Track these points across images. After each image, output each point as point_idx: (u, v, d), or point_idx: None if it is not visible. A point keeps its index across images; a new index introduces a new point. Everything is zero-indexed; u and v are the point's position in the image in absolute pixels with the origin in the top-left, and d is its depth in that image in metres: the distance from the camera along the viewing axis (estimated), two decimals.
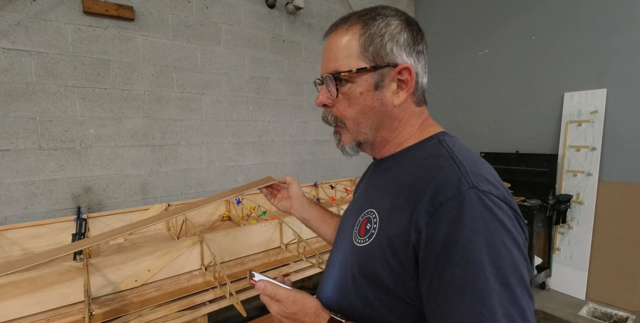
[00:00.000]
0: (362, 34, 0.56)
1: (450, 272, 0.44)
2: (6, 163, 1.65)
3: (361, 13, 0.59)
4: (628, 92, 2.23)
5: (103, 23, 1.86)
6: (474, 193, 0.46)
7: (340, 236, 0.70)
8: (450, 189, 0.47)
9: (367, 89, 0.57)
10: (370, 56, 0.56)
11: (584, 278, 2.43)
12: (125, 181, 1.98)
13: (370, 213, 0.59)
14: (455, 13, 3.25)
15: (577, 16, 2.43)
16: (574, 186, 2.49)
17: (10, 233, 1.52)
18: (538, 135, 2.72)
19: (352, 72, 0.56)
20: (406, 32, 0.57)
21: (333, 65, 0.58)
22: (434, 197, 0.48)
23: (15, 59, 1.64)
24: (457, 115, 3.31)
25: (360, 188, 0.77)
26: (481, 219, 0.45)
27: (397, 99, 0.59)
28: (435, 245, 0.46)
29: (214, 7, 2.26)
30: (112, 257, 1.24)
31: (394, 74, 0.57)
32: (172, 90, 2.12)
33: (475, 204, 0.46)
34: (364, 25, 0.57)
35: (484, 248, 0.43)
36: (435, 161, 0.54)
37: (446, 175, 0.50)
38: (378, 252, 0.53)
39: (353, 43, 0.57)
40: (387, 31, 0.56)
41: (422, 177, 0.53)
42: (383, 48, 0.56)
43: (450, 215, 0.46)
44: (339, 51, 0.58)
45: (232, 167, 2.40)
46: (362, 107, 0.58)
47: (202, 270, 1.41)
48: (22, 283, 1.07)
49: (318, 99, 0.62)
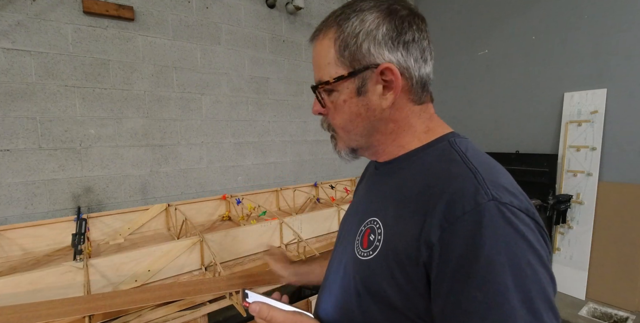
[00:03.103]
0: (337, 37, 0.52)
1: (470, 297, 0.39)
2: (6, 163, 1.65)
3: (338, 12, 0.54)
4: (628, 92, 2.23)
5: (103, 23, 1.86)
6: (494, 206, 0.41)
7: (341, 245, 0.64)
8: (467, 201, 0.42)
9: (350, 96, 0.53)
10: (347, 61, 0.52)
11: (584, 278, 2.43)
12: (125, 181, 1.98)
13: (373, 223, 0.54)
14: (455, 13, 3.25)
15: (577, 16, 2.43)
16: (574, 186, 2.49)
17: (10, 233, 1.52)
18: (538, 135, 2.72)
19: (331, 81, 0.53)
20: (385, 25, 0.50)
21: (317, 75, 0.56)
22: (448, 210, 0.43)
23: (15, 59, 1.64)
24: (457, 115, 3.31)
25: (359, 191, 0.73)
26: (503, 236, 0.40)
27: (385, 102, 0.53)
28: (450, 265, 0.41)
29: (214, 7, 2.26)
30: (112, 257, 1.24)
31: (377, 76, 0.51)
32: (172, 90, 2.12)
33: (495, 219, 0.41)
34: (338, 27, 0.52)
35: (507, 270, 0.39)
36: (447, 167, 0.49)
37: (461, 185, 0.44)
38: (384, 267, 0.48)
39: (330, 49, 0.53)
40: (361, 29, 0.50)
41: (432, 185, 0.47)
42: (359, 50, 0.51)
43: (468, 232, 0.41)
44: (320, 59, 0.55)
45: (232, 167, 2.40)
46: (349, 114, 0.55)
47: (202, 270, 1.41)
48: (22, 283, 1.07)
49: (313, 108, 0.60)
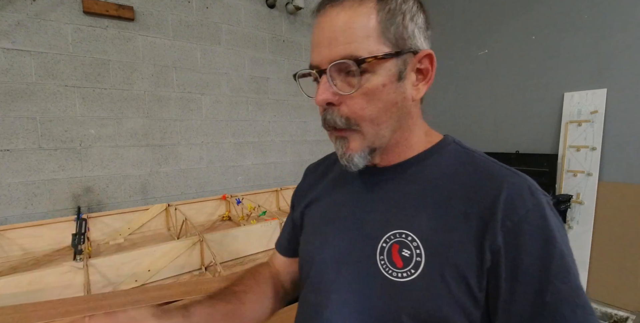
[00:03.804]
0: (381, 9, 0.44)
1: (556, 291, 0.38)
2: (6, 163, 1.65)
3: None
4: (628, 92, 2.23)
5: (103, 23, 1.86)
6: (546, 201, 0.43)
7: (340, 272, 0.50)
8: (526, 199, 0.42)
9: (391, 79, 0.45)
10: (393, 38, 0.44)
11: (584, 278, 2.43)
12: (125, 181, 1.98)
13: (402, 236, 0.46)
14: (455, 13, 3.25)
15: (577, 16, 2.43)
16: (574, 186, 2.49)
17: (10, 233, 1.52)
18: (538, 135, 2.72)
19: (378, 57, 0.43)
20: (422, 14, 0.48)
21: (347, 49, 0.43)
22: (507, 211, 0.41)
23: (15, 59, 1.64)
24: (457, 115, 3.31)
25: (335, 200, 0.58)
26: (561, 228, 0.42)
27: (417, 93, 0.48)
28: (524, 264, 0.39)
29: (214, 7, 2.26)
30: (112, 257, 1.24)
31: (415, 62, 0.47)
32: (172, 90, 2.12)
33: (551, 213, 0.42)
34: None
35: (571, 255, 0.41)
36: (481, 168, 0.47)
37: (514, 185, 0.43)
38: (439, 284, 0.42)
39: (371, 19, 0.43)
40: (407, 8, 0.45)
41: (479, 192, 0.44)
42: (405, 29, 0.45)
43: (537, 228, 0.40)
44: (353, 30, 0.43)
45: (232, 167, 2.40)
46: (384, 103, 0.46)
47: (202, 270, 1.41)
48: (22, 283, 1.07)
49: (321, 96, 0.46)
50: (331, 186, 0.61)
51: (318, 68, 0.46)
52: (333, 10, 0.45)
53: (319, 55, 0.46)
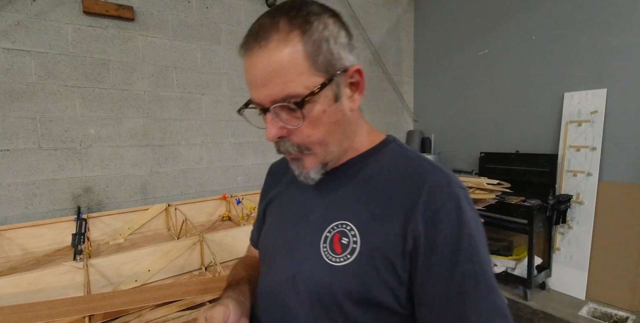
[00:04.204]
0: (306, 43, 0.46)
1: (462, 271, 0.45)
2: (6, 163, 1.65)
3: (287, 14, 0.47)
4: (628, 92, 2.23)
5: (103, 23, 1.86)
6: (462, 193, 0.49)
7: (286, 258, 0.58)
8: (444, 191, 0.48)
9: (329, 104, 0.50)
10: (323, 67, 0.48)
11: (584, 278, 2.43)
12: (125, 181, 1.98)
13: (343, 226, 0.53)
14: (455, 13, 3.25)
15: (577, 16, 2.43)
16: (574, 186, 2.49)
17: (10, 233, 1.52)
18: (538, 135, 2.72)
19: (315, 92, 0.47)
20: (342, 29, 0.50)
21: (284, 90, 0.47)
22: (428, 201, 0.48)
23: (15, 59, 1.64)
24: (457, 115, 3.31)
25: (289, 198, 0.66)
26: (473, 216, 0.48)
27: (354, 103, 0.53)
28: (439, 247, 0.46)
29: (214, 7, 2.26)
30: (112, 257, 1.24)
31: (347, 79, 0.51)
32: (172, 90, 2.12)
33: (466, 203, 0.48)
34: (302, 31, 0.46)
35: (483, 242, 0.47)
36: (412, 166, 0.54)
37: (435, 179, 0.50)
38: (368, 267, 0.48)
39: (299, 57, 0.46)
40: (329, 34, 0.48)
41: (407, 186, 0.51)
42: (331, 54, 0.48)
43: (451, 216, 0.47)
44: (285, 71, 0.46)
45: (232, 167, 2.40)
46: (328, 125, 0.51)
47: (202, 270, 1.41)
48: (22, 283, 1.07)
49: (271, 133, 0.50)
50: (288, 184, 0.68)
51: (261, 105, 0.50)
52: (261, 52, 0.47)
53: (259, 95, 0.49)
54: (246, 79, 0.50)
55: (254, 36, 0.47)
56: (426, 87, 3.60)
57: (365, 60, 3.22)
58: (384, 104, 3.44)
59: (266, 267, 0.64)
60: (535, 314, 2.27)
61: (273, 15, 0.48)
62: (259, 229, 0.76)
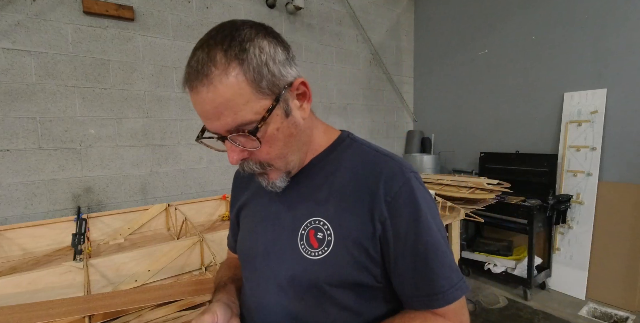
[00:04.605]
0: (246, 71, 0.47)
1: (424, 242, 0.54)
2: (6, 163, 1.65)
3: (222, 45, 0.48)
4: (628, 92, 2.23)
5: (103, 23, 1.86)
6: (413, 176, 0.56)
7: (266, 261, 0.62)
8: (399, 178, 0.55)
9: (280, 121, 0.52)
10: (267, 89, 0.49)
11: (584, 278, 2.43)
12: (125, 181, 1.98)
13: (316, 222, 0.57)
14: (455, 13, 3.25)
15: (577, 16, 2.43)
16: (574, 186, 2.49)
17: (10, 233, 1.52)
18: (538, 135, 2.72)
19: (265, 117, 0.49)
20: (278, 46, 0.51)
21: (236, 120, 0.48)
22: (387, 188, 0.54)
23: (15, 59, 1.64)
24: (457, 115, 3.31)
25: (259, 203, 0.68)
26: (425, 196, 0.56)
27: (304, 112, 0.56)
28: (402, 227, 0.54)
29: (214, 7, 2.26)
30: (112, 257, 1.24)
31: (293, 92, 0.53)
32: (172, 90, 2.12)
33: (417, 184, 0.56)
34: (240, 61, 0.47)
35: (435, 214, 0.57)
36: (368, 159, 0.59)
37: (390, 168, 0.56)
38: (345, 255, 0.54)
39: (243, 87, 0.47)
40: (266, 56, 0.49)
41: (366, 177, 0.56)
42: (273, 75, 0.49)
43: (407, 199, 0.54)
44: (232, 102, 0.47)
45: (232, 167, 2.40)
46: (284, 140, 0.53)
47: (202, 270, 1.41)
48: (22, 283, 1.07)
49: (233, 157, 0.53)
50: (258, 189, 0.69)
51: (218, 134, 0.52)
52: (204, 89, 0.47)
53: (213, 126, 0.51)
54: (197, 112, 0.51)
55: (194, 74, 0.48)
56: (426, 87, 3.60)
57: (365, 60, 3.22)
58: (384, 104, 3.44)
59: (247, 271, 0.67)
60: (535, 314, 2.27)
61: (208, 49, 0.48)
62: (234, 234, 0.81)
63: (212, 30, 0.51)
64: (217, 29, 0.51)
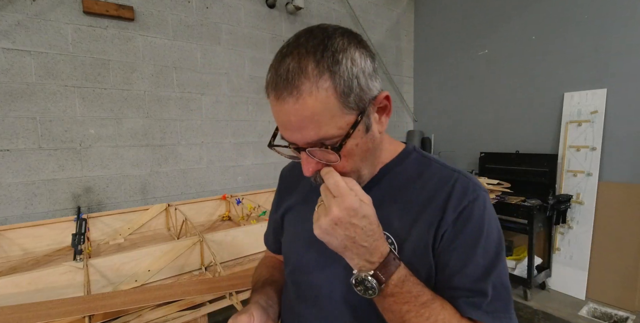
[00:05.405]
0: (337, 84, 0.45)
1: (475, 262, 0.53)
2: (6, 163, 1.65)
3: (313, 56, 0.45)
4: (628, 92, 2.23)
5: (103, 23, 1.86)
6: (485, 195, 0.56)
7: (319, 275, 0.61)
8: (470, 194, 0.55)
9: (361, 136, 0.50)
10: (354, 104, 0.47)
11: (584, 278, 2.43)
12: (125, 181, 1.98)
13: None
14: (455, 13, 3.25)
15: (577, 16, 2.43)
16: (574, 186, 2.49)
17: (10, 233, 1.52)
18: (538, 135, 2.72)
19: (350, 133, 0.47)
20: (368, 58, 0.49)
21: (319, 133, 0.47)
22: (458, 202, 0.54)
23: (15, 59, 1.64)
24: (457, 115, 3.31)
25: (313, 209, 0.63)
26: (494, 216, 0.56)
27: (382, 126, 0.54)
28: (460, 239, 0.53)
29: (214, 7, 2.26)
30: (112, 257, 1.24)
31: (376, 106, 0.51)
32: (172, 90, 2.12)
33: (489, 204, 0.56)
34: (332, 73, 0.44)
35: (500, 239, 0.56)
36: (438, 173, 0.58)
37: (461, 184, 0.56)
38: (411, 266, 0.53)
39: (331, 100, 0.45)
40: (357, 69, 0.46)
41: (436, 192, 0.56)
42: (361, 89, 0.47)
43: (477, 213, 0.54)
44: (319, 116, 0.45)
45: (232, 167, 2.40)
46: (360, 155, 0.52)
47: (202, 270, 1.41)
48: (22, 283, 1.07)
49: (308, 169, 0.51)
50: (308, 191, 0.68)
51: (295, 145, 0.50)
52: (291, 99, 0.45)
53: (292, 137, 0.49)
54: (277, 120, 0.49)
55: (283, 83, 0.45)
56: (426, 87, 3.60)
57: None
58: None
59: (300, 280, 0.65)
60: (535, 314, 2.27)
61: (299, 58, 0.45)
62: (275, 235, 0.78)
63: (301, 36, 0.48)
64: (307, 36, 0.47)
